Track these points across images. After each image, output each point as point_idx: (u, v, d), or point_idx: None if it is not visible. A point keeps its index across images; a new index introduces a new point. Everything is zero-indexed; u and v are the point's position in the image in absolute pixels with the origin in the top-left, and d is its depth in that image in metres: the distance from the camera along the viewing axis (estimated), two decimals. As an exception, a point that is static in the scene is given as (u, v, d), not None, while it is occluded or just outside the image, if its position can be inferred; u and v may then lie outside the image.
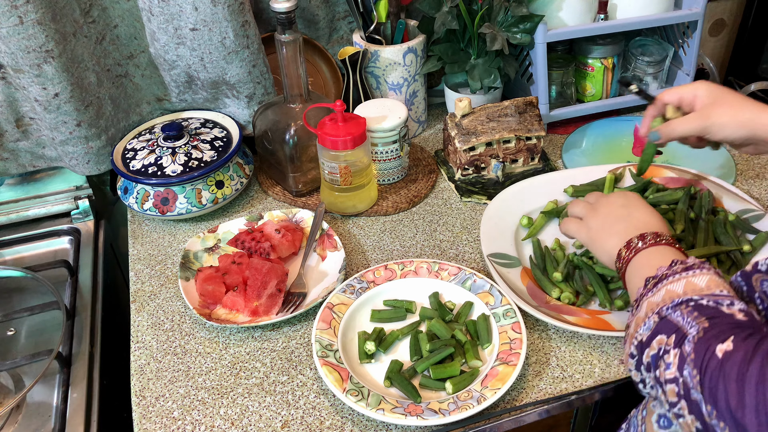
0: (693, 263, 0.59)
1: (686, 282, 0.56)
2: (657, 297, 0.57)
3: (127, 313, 0.89)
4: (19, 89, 0.96)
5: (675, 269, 0.59)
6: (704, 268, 0.58)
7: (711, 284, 0.56)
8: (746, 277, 0.58)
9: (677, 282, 0.57)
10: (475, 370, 0.75)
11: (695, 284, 0.56)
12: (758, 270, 0.57)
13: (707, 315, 0.52)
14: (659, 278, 0.59)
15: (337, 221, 1.01)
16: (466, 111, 1.04)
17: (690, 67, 1.18)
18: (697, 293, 0.55)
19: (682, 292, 0.55)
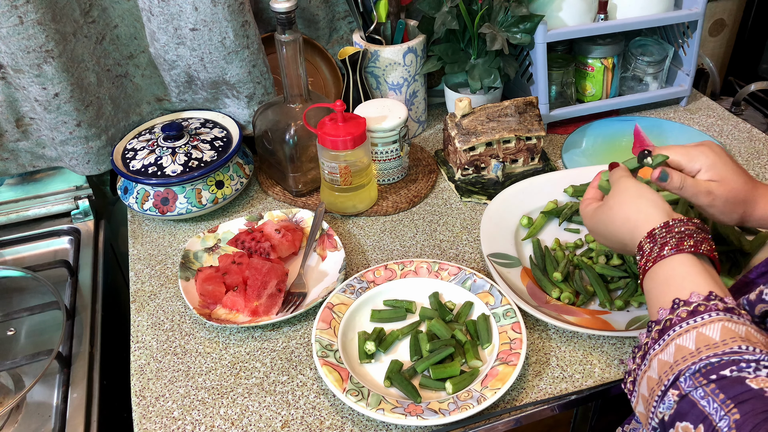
0: (697, 304, 0.53)
1: (696, 334, 0.51)
2: (667, 355, 0.52)
3: (127, 313, 0.89)
4: (19, 89, 0.96)
5: (679, 314, 0.53)
6: (711, 311, 0.52)
7: (725, 335, 0.50)
8: (751, 306, 0.55)
9: (686, 334, 0.51)
10: (475, 370, 0.75)
11: (707, 337, 0.50)
12: (763, 300, 0.53)
13: (735, 398, 0.46)
14: (663, 326, 0.54)
15: (337, 221, 1.01)
16: (466, 111, 1.04)
17: (690, 67, 1.18)
18: (712, 350, 0.49)
19: (695, 348, 0.50)
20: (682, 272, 0.57)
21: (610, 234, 0.68)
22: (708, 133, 1.15)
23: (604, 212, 0.68)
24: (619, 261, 0.86)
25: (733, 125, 1.18)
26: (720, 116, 1.21)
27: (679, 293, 0.55)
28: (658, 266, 0.59)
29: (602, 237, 0.70)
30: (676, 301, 0.54)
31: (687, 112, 1.22)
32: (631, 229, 0.64)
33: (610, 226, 0.67)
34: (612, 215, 0.67)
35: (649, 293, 0.59)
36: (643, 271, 0.60)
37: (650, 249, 0.60)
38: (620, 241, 0.66)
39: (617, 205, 0.66)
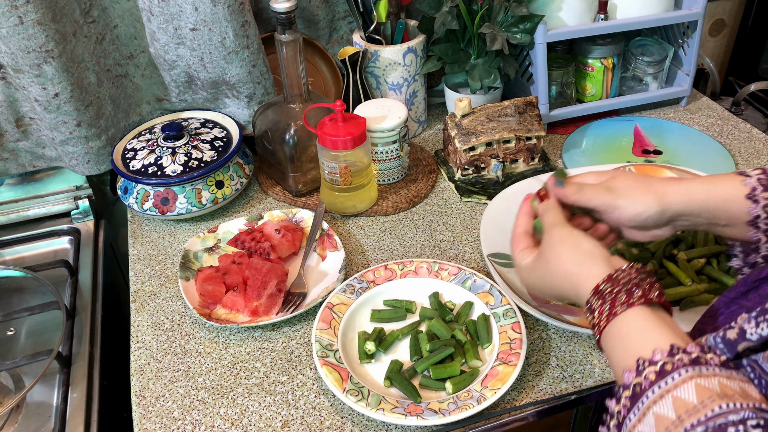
0: (663, 362, 0.49)
1: (673, 399, 0.47)
2: (647, 426, 0.48)
3: (127, 313, 0.89)
4: (19, 89, 0.96)
5: (647, 377, 0.49)
6: (680, 368, 0.48)
7: (701, 395, 0.46)
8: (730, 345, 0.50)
9: (661, 401, 0.47)
10: (475, 370, 0.75)
11: (684, 402, 0.46)
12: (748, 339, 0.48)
13: None
14: (634, 392, 0.50)
15: (337, 221, 1.01)
16: (466, 111, 1.04)
17: (690, 67, 1.18)
18: (694, 416, 0.46)
19: (676, 417, 0.46)
20: (638, 327, 0.53)
21: (552, 289, 0.64)
22: (708, 133, 1.15)
23: (542, 266, 0.64)
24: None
25: (733, 125, 1.18)
26: (720, 116, 1.21)
27: (640, 351, 0.51)
28: (612, 325, 0.55)
29: (542, 291, 0.66)
30: (640, 361, 0.50)
31: (687, 112, 1.22)
32: (573, 284, 0.60)
33: (550, 281, 0.63)
34: (551, 270, 0.63)
35: (609, 354, 0.55)
36: (597, 330, 0.56)
37: (600, 307, 0.56)
38: (564, 296, 0.63)
39: (554, 258, 0.62)
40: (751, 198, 0.62)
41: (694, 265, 0.83)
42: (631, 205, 0.65)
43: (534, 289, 0.68)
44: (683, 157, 1.09)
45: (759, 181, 0.62)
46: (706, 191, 0.64)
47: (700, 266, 0.83)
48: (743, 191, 0.62)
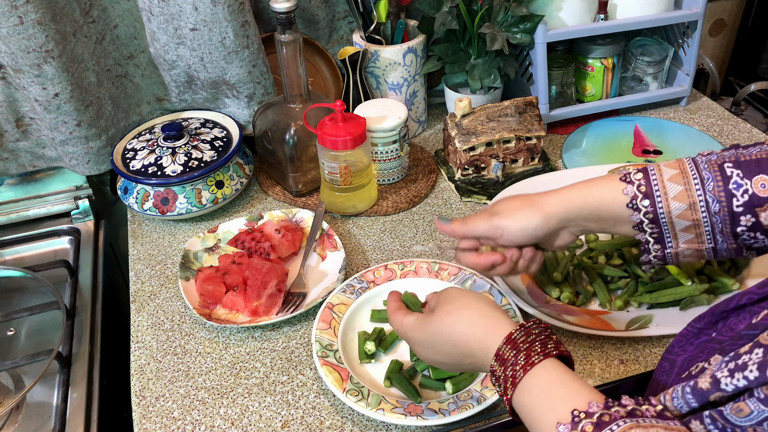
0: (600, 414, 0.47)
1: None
2: None
3: (127, 313, 0.89)
4: (19, 89, 0.96)
5: (584, 428, 0.47)
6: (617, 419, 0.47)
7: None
8: (701, 396, 0.48)
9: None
10: (475, 370, 0.75)
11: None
12: (722, 390, 0.46)
13: None
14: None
15: (337, 221, 1.01)
16: (466, 111, 1.04)
17: (690, 67, 1.18)
18: None
19: None
20: (559, 378, 0.52)
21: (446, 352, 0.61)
22: (708, 133, 1.15)
23: (431, 324, 0.61)
24: (619, 261, 0.86)
25: (733, 125, 1.18)
26: (720, 116, 1.21)
27: (572, 403, 0.49)
28: (531, 375, 0.52)
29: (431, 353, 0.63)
30: (575, 412, 0.48)
31: (687, 112, 1.22)
32: (477, 338, 0.58)
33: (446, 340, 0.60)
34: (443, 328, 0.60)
35: (531, 407, 0.52)
36: (511, 385, 0.53)
37: (515, 357, 0.53)
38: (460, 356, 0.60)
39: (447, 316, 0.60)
40: (632, 207, 0.65)
41: (694, 265, 0.83)
42: (514, 222, 0.67)
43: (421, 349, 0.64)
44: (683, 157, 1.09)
45: (638, 189, 0.64)
46: (583, 196, 0.67)
47: (700, 266, 0.83)
48: (624, 200, 0.65)
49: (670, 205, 0.63)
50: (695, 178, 0.63)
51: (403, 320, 0.65)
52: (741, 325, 0.54)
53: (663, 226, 0.65)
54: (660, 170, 0.65)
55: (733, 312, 0.56)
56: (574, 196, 0.67)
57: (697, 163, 0.65)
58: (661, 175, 0.64)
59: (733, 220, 0.62)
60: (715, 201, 0.62)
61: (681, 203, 0.63)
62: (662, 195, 0.64)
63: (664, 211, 0.64)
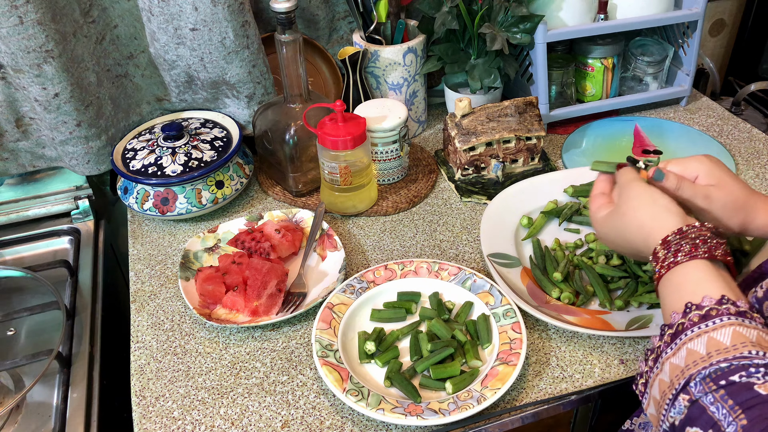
0: (709, 308, 0.53)
1: (708, 339, 0.51)
2: (678, 359, 0.53)
3: (127, 313, 0.89)
4: (19, 89, 0.96)
5: (691, 318, 0.54)
6: (723, 315, 0.52)
7: (736, 340, 0.50)
8: (759, 303, 0.55)
9: (697, 339, 0.52)
10: (475, 370, 0.75)
11: (718, 342, 0.51)
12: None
13: (743, 404, 0.47)
14: (676, 330, 0.54)
15: (337, 221, 1.01)
16: (466, 111, 1.04)
17: (690, 67, 1.18)
18: (723, 354, 0.50)
19: (706, 353, 0.51)
20: (695, 277, 0.57)
21: (624, 241, 0.67)
22: (708, 133, 1.15)
23: (617, 218, 0.67)
24: (619, 261, 0.86)
25: (733, 125, 1.18)
26: (720, 116, 1.21)
27: (691, 297, 0.55)
28: (672, 272, 0.58)
29: (614, 243, 0.69)
30: (688, 305, 0.54)
31: (687, 112, 1.22)
32: (645, 236, 0.63)
33: (624, 233, 0.66)
34: (625, 222, 0.66)
35: (664, 298, 0.59)
36: (658, 277, 0.60)
37: (664, 255, 0.59)
38: (634, 248, 0.66)
39: (631, 210, 0.65)
40: None
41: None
42: (717, 220, 0.68)
43: (606, 241, 0.70)
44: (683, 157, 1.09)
45: None
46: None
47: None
48: None
49: None
50: None
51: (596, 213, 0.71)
52: None
53: None
54: None
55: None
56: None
57: None
58: None
59: None
60: None
61: None
62: None
63: None
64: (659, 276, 0.59)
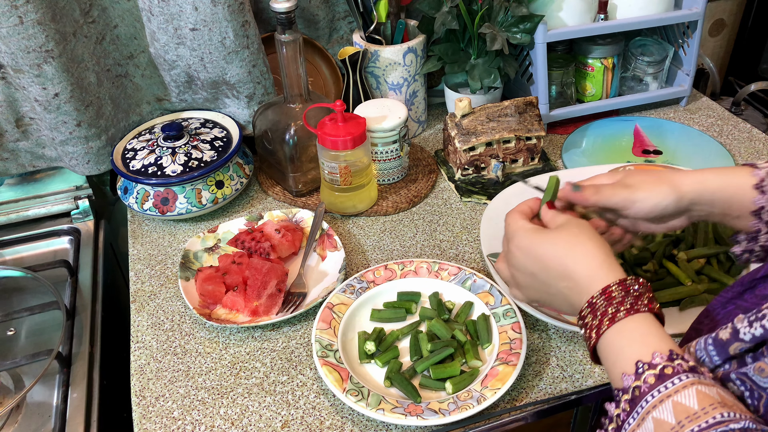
0: (662, 365, 0.48)
1: (673, 404, 0.46)
2: (646, 431, 0.48)
3: (127, 313, 0.89)
4: (19, 89, 0.96)
5: (647, 380, 0.48)
6: (681, 373, 0.47)
7: (703, 402, 0.46)
8: (722, 347, 0.49)
9: (661, 405, 0.47)
10: (475, 370, 0.75)
11: (686, 407, 0.46)
12: (741, 339, 0.47)
13: None
14: (633, 396, 0.49)
15: (337, 221, 1.01)
16: (466, 111, 1.04)
17: (690, 67, 1.18)
18: (695, 421, 0.45)
19: (676, 422, 0.46)
20: (639, 333, 0.53)
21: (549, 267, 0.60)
22: (708, 133, 1.15)
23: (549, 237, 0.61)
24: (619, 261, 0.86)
25: (733, 125, 1.18)
26: (720, 116, 1.21)
27: (640, 355, 0.50)
28: (613, 329, 0.53)
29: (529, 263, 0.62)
30: (639, 364, 0.50)
31: (687, 112, 1.22)
32: (575, 282, 0.58)
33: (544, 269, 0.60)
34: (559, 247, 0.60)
35: (607, 358, 0.54)
36: (596, 333, 0.54)
37: (604, 309, 0.54)
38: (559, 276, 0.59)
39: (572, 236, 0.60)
40: (758, 188, 0.63)
41: (693, 265, 0.83)
42: (648, 197, 0.66)
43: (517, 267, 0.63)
44: (683, 157, 1.09)
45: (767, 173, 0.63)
46: (718, 180, 0.65)
47: (700, 266, 0.83)
48: (751, 181, 0.63)
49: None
50: None
51: (519, 222, 0.64)
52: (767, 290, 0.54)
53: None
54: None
55: (761, 280, 0.55)
56: (708, 179, 0.66)
57: None
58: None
59: None
60: None
61: None
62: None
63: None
64: (599, 333, 0.54)
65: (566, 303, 0.59)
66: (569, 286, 0.58)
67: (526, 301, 0.65)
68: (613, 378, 0.53)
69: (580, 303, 0.57)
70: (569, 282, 0.58)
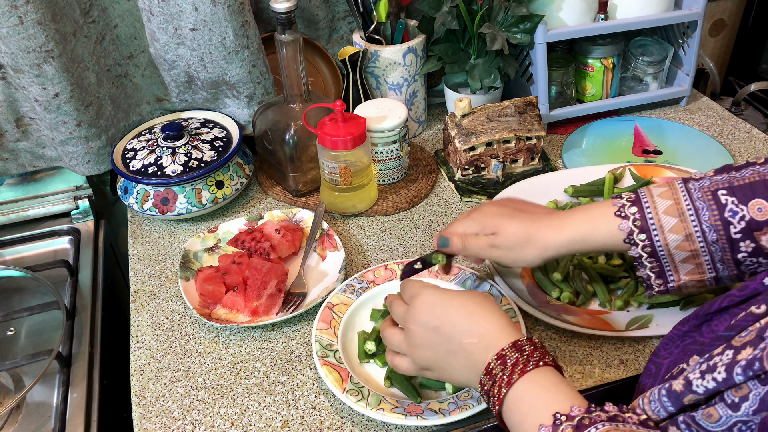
0: (580, 417, 0.49)
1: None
2: None
3: (127, 313, 0.89)
4: (19, 89, 0.96)
5: (564, 431, 0.48)
6: (597, 422, 0.48)
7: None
8: (676, 398, 0.49)
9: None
10: (475, 370, 0.75)
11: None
12: (694, 392, 0.47)
13: None
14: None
15: (337, 221, 1.01)
16: (466, 111, 1.04)
17: (690, 67, 1.18)
18: None
19: None
20: (551, 383, 0.53)
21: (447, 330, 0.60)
22: (708, 133, 1.15)
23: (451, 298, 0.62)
24: (619, 261, 0.86)
25: (733, 125, 1.18)
26: (720, 116, 1.21)
27: (556, 406, 0.51)
28: (524, 380, 0.54)
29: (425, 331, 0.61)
30: (557, 415, 0.50)
31: (687, 112, 1.22)
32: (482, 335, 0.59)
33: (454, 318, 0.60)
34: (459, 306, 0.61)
35: (518, 410, 0.54)
36: (507, 385, 0.54)
37: (515, 361, 0.55)
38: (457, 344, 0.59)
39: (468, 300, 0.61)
40: (629, 242, 0.65)
41: (694, 265, 0.83)
42: (511, 255, 0.70)
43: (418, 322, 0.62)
44: (683, 157, 1.09)
45: (634, 224, 0.65)
46: (583, 233, 0.67)
47: (700, 266, 0.83)
48: (621, 236, 0.66)
49: (667, 238, 0.63)
50: (689, 208, 0.63)
51: (422, 283, 0.65)
52: (722, 326, 0.54)
53: (662, 259, 0.65)
54: (654, 202, 0.64)
55: (716, 314, 0.56)
56: (575, 233, 0.68)
57: (690, 191, 0.64)
58: (655, 207, 0.64)
59: (733, 248, 0.61)
60: (712, 230, 0.61)
61: (677, 235, 0.63)
62: (658, 228, 0.64)
63: (662, 244, 0.64)
64: (509, 383, 0.54)
65: (466, 361, 0.59)
66: (474, 343, 0.59)
67: (414, 368, 0.65)
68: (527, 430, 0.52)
69: (486, 358, 0.57)
70: (475, 338, 0.59)
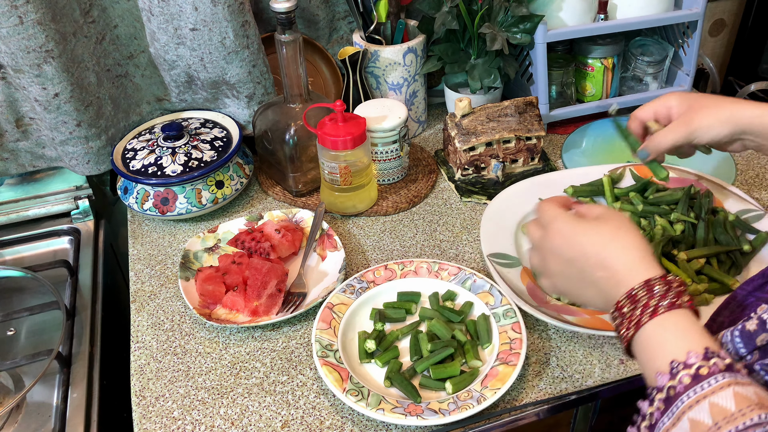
0: (698, 365, 0.48)
1: (710, 405, 0.46)
2: (681, 431, 0.47)
3: (127, 313, 0.89)
4: (19, 89, 0.96)
5: (682, 380, 0.48)
6: (717, 373, 0.47)
7: (740, 403, 0.46)
8: (749, 338, 0.50)
9: (698, 406, 0.47)
10: (475, 370, 0.75)
11: (723, 408, 0.46)
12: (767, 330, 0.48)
13: None
14: (668, 395, 0.49)
15: (337, 221, 1.01)
16: (466, 111, 1.04)
17: (690, 67, 1.18)
18: (731, 423, 0.45)
19: (713, 423, 0.46)
20: (674, 330, 0.52)
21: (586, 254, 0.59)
22: (708, 133, 1.15)
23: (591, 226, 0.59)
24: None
25: (733, 125, 1.18)
26: (720, 116, 1.20)
27: (675, 354, 0.50)
28: (651, 324, 0.53)
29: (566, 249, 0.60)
30: (673, 363, 0.50)
31: (687, 112, 1.22)
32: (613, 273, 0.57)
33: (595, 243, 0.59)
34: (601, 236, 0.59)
35: (643, 352, 0.53)
36: (635, 325, 0.54)
37: (647, 301, 0.54)
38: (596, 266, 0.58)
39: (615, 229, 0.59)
40: None
41: (693, 265, 0.83)
42: (706, 133, 0.74)
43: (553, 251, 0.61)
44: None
45: None
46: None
47: (699, 266, 0.83)
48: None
49: None
50: None
51: (557, 209, 0.63)
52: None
53: None
54: None
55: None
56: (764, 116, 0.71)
57: None
58: None
59: None
60: None
61: None
62: None
63: None
64: (637, 326, 0.54)
65: (599, 294, 0.58)
66: (606, 277, 0.57)
67: (554, 291, 0.65)
68: (646, 374, 0.53)
69: (617, 294, 0.56)
70: (607, 272, 0.57)
